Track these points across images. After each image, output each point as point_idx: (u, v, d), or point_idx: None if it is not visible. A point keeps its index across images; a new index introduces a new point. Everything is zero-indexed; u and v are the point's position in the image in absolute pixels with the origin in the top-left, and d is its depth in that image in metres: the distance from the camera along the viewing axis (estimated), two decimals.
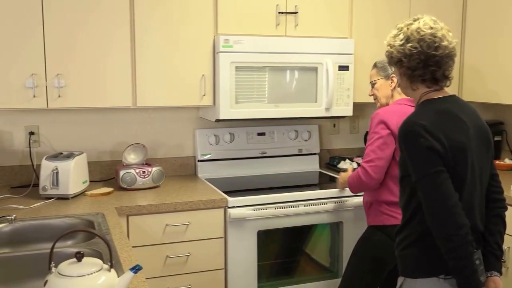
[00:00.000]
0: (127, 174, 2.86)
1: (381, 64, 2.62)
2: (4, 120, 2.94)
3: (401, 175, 1.78)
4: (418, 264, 1.73)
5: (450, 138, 1.65)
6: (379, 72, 2.62)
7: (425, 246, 1.71)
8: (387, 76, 2.59)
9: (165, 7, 2.80)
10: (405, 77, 1.80)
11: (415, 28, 1.74)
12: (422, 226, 1.71)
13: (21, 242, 2.21)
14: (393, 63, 1.82)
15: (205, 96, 2.93)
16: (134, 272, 1.40)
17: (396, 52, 1.78)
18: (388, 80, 2.59)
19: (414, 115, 1.72)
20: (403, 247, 1.79)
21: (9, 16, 2.54)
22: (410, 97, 1.89)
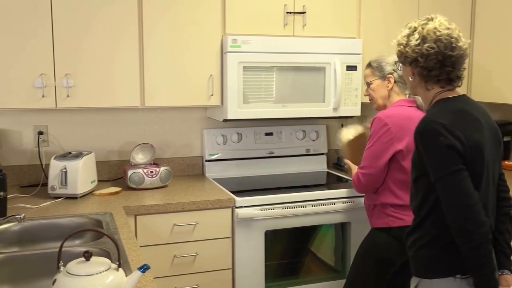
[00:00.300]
0: (135, 173, 2.87)
1: (376, 64, 2.56)
2: (13, 120, 2.96)
3: (415, 175, 1.77)
4: (434, 264, 1.73)
5: (467, 136, 1.66)
6: (374, 72, 2.56)
7: (441, 246, 1.71)
8: (383, 76, 2.52)
9: (173, 7, 2.81)
10: (419, 77, 1.79)
11: (431, 28, 1.74)
12: (437, 226, 1.71)
13: (30, 241, 2.23)
14: (408, 63, 1.80)
15: (213, 96, 2.93)
16: (142, 272, 1.41)
17: (411, 51, 1.76)
18: (384, 81, 2.52)
19: (432, 114, 1.71)
20: (418, 247, 1.78)
21: (19, 17, 2.56)
22: (419, 97, 1.88)
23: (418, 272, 1.78)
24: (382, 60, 2.55)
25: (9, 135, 2.97)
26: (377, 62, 2.55)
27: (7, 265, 1.84)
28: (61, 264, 1.38)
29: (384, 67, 2.52)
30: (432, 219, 1.73)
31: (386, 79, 2.52)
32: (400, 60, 1.85)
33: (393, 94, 2.52)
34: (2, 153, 2.95)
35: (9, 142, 2.97)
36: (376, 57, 2.60)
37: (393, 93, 2.52)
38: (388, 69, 2.51)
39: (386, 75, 2.52)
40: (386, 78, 2.52)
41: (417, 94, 1.87)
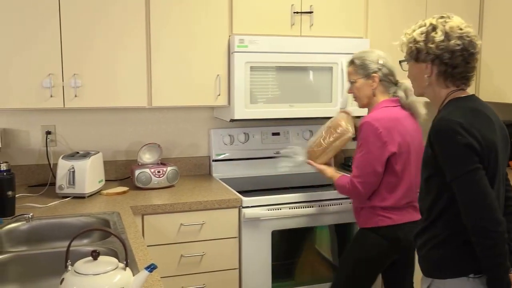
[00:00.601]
0: (142, 173, 2.87)
1: (359, 62, 2.43)
2: (22, 120, 2.98)
3: (427, 175, 1.76)
4: (447, 264, 1.72)
5: (483, 135, 1.65)
6: (357, 71, 2.43)
7: (455, 246, 1.71)
8: (367, 75, 2.40)
9: (180, 7, 2.81)
10: (439, 74, 1.77)
11: (455, 25, 1.73)
12: (450, 226, 1.70)
13: (38, 240, 2.24)
14: (429, 60, 1.76)
15: (220, 96, 2.93)
16: (149, 271, 1.41)
17: (435, 48, 1.73)
18: (369, 80, 2.41)
19: (448, 113, 1.70)
20: (430, 248, 1.77)
21: (27, 17, 2.57)
22: (427, 96, 1.85)
23: (430, 272, 1.77)
24: (366, 57, 2.43)
25: (18, 135, 2.98)
26: (361, 60, 2.43)
27: (15, 264, 1.85)
28: (69, 263, 1.39)
29: (368, 65, 2.40)
30: (445, 218, 1.72)
31: (371, 78, 2.40)
32: (414, 57, 1.80)
33: (377, 93, 2.42)
34: (11, 153, 2.97)
35: (17, 142, 2.99)
36: (358, 54, 2.47)
37: (378, 92, 2.42)
38: (372, 67, 2.40)
39: (370, 73, 2.40)
40: (370, 77, 2.40)
41: (425, 93, 1.85)
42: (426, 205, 1.79)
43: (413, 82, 1.89)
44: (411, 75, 1.87)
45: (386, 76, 2.41)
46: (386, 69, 2.41)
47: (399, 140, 2.29)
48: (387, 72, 2.41)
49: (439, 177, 1.70)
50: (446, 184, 1.68)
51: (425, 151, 1.76)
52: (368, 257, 2.40)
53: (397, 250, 2.39)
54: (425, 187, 1.79)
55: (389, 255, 2.39)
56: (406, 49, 1.84)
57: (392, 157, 2.30)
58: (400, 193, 2.34)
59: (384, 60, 2.42)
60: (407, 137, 2.33)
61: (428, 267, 1.78)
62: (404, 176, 2.34)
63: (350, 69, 2.48)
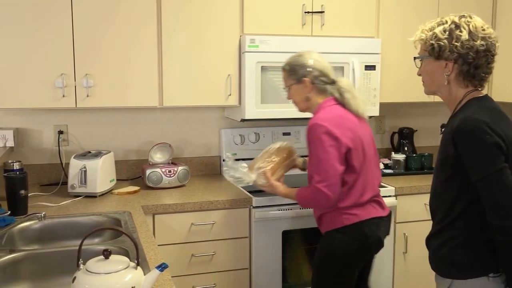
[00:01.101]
0: (153, 173, 2.88)
1: (289, 67, 2.38)
2: (34, 119, 3.00)
3: (446, 176, 1.74)
4: (468, 264, 1.71)
5: (506, 134, 1.65)
6: (289, 76, 2.38)
7: (476, 245, 1.70)
8: (298, 79, 2.34)
9: (191, 8, 2.82)
10: (459, 73, 1.74)
11: (479, 25, 1.72)
12: (470, 226, 1.70)
13: (50, 239, 2.25)
14: (452, 58, 1.72)
15: (230, 96, 2.93)
16: (160, 270, 1.41)
17: (460, 46, 1.70)
18: (300, 84, 2.35)
19: (472, 112, 1.68)
20: (450, 248, 1.75)
21: (40, 17, 2.59)
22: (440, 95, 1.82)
23: (450, 273, 1.75)
24: (295, 62, 2.37)
25: (30, 134, 3.01)
26: (290, 65, 2.38)
27: (28, 263, 1.86)
28: (81, 262, 1.40)
29: (297, 70, 2.34)
30: (466, 218, 1.71)
31: (302, 82, 2.34)
32: (435, 54, 1.75)
33: (313, 96, 2.35)
34: (23, 152, 2.99)
35: (30, 141, 3.01)
36: (289, 59, 2.41)
37: (313, 95, 2.35)
38: (301, 71, 2.34)
39: (300, 78, 2.34)
40: (301, 81, 2.34)
41: (438, 92, 1.82)
42: (444, 205, 1.76)
43: (426, 80, 1.84)
44: (426, 72, 1.82)
45: (317, 78, 2.34)
46: (316, 71, 2.33)
47: (350, 135, 2.24)
48: (317, 74, 2.33)
49: (459, 177, 1.69)
50: (467, 184, 1.67)
51: (444, 151, 1.74)
52: (340, 260, 2.30)
53: (367, 248, 2.32)
54: (443, 187, 1.77)
55: (360, 254, 2.32)
56: (424, 45, 1.80)
57: (348, 154, 2.23)
58: (360, 189, 2.28)
59: (314, 62, 2.35)
60: (358, 132, 2.29)
61: (448, 268, 1.76)
62: (362, 172, 2.28)
63: (284, 75, 2.43)
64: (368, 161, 2.32)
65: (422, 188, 3.01)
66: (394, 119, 3.70)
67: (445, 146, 1.73)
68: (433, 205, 1.85)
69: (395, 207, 2.98)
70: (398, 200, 2.98)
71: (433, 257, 1.83)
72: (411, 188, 3.01)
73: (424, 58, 1.81)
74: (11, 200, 2.36)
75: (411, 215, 3.02)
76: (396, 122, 3.70)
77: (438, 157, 1.78)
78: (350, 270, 2.33)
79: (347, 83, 2.38)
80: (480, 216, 1.66)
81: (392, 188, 2.97)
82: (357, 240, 2.28)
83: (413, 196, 3.01)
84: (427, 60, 1.80)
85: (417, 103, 3.58)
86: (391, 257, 3.02)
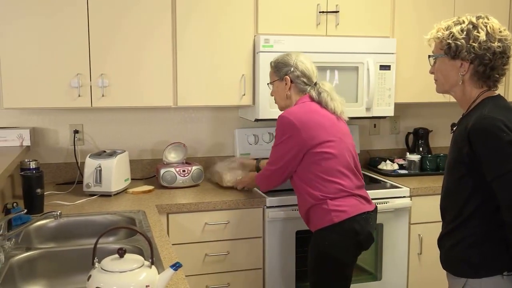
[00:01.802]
0: (168, 172, 2.90)
1: (274, 64, 2.49)
2: (50, 119, 3.03)
3: (460, 174, 1.74)
4: (483, 263, 1.71)
5: None
6: (274, 73, 2.49)
7: (491, 244, 1.69)
8: (281, 77, 2.45)
9: (206, 8, 2.82)
10: (474, 73, 1.74)
11: (496, 27, 1.72)
12: (485, 225, 1.70)
13: (66, 237, 2.27)
14: (468, 59, 1.72)
15: (244, 95, 2.94)
16: (174, 270, 1.42)
17: (478, 47, 1.70)
18: (282, 81, 2.45)
19: (488, 111, 1.67)
20: (463, 248, 1.75)
21: (56, 18, 2.62)
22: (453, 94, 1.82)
23: (464, 272, 1.75)
24: (280, 60, 2.47)
25: (46, 133, 3.04)
26: (275, 62, 2.49)
27: (44, 260, 1.88)
28: (96, 261, 1.41)
29: (281, 68, 2.44)
30: (480, 217, 1.71)
31: (283, 80, 2.44)
32: (452, 54, 1.75)
33: (292, 94, 2.44)
34: (40, 151, 3.03)
35: (46, 141, 3.04)
36: (277, 56, 2.52)
37: (293, 94, 2.44)
38: (284, 69, 2.43)
39: (282, 76, 2.44)
40: (283, 79, 2.44)
41: (451, 91, 1.82)
42: (457, 204, 1.76)
43: (440, 78, 1.83)
44: (439, 71, 1.82)
45: (298, 78, 2.42)
46: (298, 72, 2.41)
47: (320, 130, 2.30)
48: (299, 74, 2.41)
49: (473, 176, 1.69)
50: (481, 183, 1.66)
51: (457, 150, 1.73)
52: (332, 260, 2.31)
53: (359, 245, 2.32)
54: (456, 186, 1.76)
55: (352, 251, 2.32)
56: (440, 44, 1.79)
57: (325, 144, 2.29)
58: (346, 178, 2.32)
59: (298, 62, 2.42)
60: (333, 127, 2.35)
61: (463, 267, 1.75)
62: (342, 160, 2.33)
63: (270, 72, 2.55)
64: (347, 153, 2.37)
65: (437, 189, 2.98)
66: (409, 119, 3.68)
67: (458, 144, 1.72)
68: (444, 204, 1.84)
69: (410, 208, 2.96)
70: (413, 201, 2.96)
71: (446, 257, 1.83)
72: (426, 189, 2.99)
73: (439, 57, 1.81)
74: (27, 198, 2.39)
75: (426, 216, 3.00)
76: (411, 122, 3.68)
77: (451, 156, 1.78)
78: (344, 268, 2.34)
79: (329, 86, 2.47)
80: (493, 215, 1.66)
81: (407, 189, 2.95)
82: (348, 238, 2.28)
83: (428, 197, 2.99)
84: (442, 59, 1.79)
85: (432, 103, 3.55)
86: (405, 258, 3.00)
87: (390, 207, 2.88)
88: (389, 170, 3.31)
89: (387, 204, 2.87)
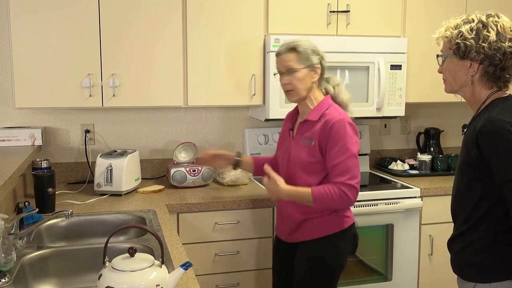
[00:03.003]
0: (178, 172, 2.90)
1: (303, 50, 2.18)
2: (62, 119, 3.05)
3: (469, 178, 1.71)
4: (492, 268, 1.68)
5: None
6: (301, 60, 2.18)
7: (499, 249, 1.67)
8: (311, 66, 2.18)
9: (216, 8, 2.83)
10: (483, 74, 1.69)
11: (507, 25, 1.67)
12: (494, 229, 1.67)
13: (77, 236, 2.29)
14: (478, 59, 1.67)
15: (255, 95, 2.94)
16: (185, 269, 1.42)
17: (487, 47, 1.65)
18: (312, 71, 2.19)
19: (496, 113, 1.64)
20: (472, 252, 1.72)
21: (67, 18, 2.63)
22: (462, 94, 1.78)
23: (473, 276, 1.72)
24: (309, 46, 2.20)
25: (58, 133, 3.06)
26: (303, 48, 2.18)
27: (55, 259, 1.90)
28: (107, 260, 1.41)
29: (309, 55, 2.18)
30: (489, 221, 1.68)
31: (314, 69, 2.19)
32: (461, 54, 1.69)
33: (315, 86, 2.22)
34: (51, 151, 3.05)
35: (57, 140, 3.06)
36: (297, 41, 2.21)
37: (315, 86, 2.22)
38: (315, 57, 2.19)
39: (314, 65, 2.18)
40: (314, 68, 2.19)
41: (460, 92, 1.78)
42: (467, 207, 1.74)
43: (448, 78, 1.78)
44: (448, 71, 1.77)
45: (324, 69, 2.24)
46: (324, 63, 2.24)
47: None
48: (325, 65, 2.25)
49: (483, 179, 1.66)
50: (491, 186, 1.63)
51: (467, 153, 1.70)
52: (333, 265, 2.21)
53: (356, 248, 2.29)
54: (465, 189, 1.74)
55: (351, 255, 2.29)
56: (448, 43, 1.74)
57: None
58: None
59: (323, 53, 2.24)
60: None
61: (471, 271, 1.73)
62: None
63: (291, 57, 2.19)
64: None
65: (448, 190, 2.96)
66: (420, 119, 3.66)
67: (468, 147, 1.69)
68: (454, 207, 1.82)
69: (421, 209, 2.94)
70: (424, 202, 2.94)
71: (455, 260, 1.80)
72: (437, 189, 2.97)
73: (447, 57, 1.76)
74: (39, 197, 2.40)
75: (437, 217, 2.98)
76: (422, 122, 3.65)
77: (461, 159, 1.75)
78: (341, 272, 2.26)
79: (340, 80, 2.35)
80: (504, 219, 1.64)
81: (417, 189, 2.94)
82: (350, 243, 2.25)
83: (439, 197, 2.97)
84: (451, 59, 1.75)
85: (444, 103, 3.53)
86: (416, 259, 2.99)
87: (401, 207, 2.87)
88: (400, 170, 3.29)
89: (397, 205, 2.86)
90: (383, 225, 2.90)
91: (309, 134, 2.19)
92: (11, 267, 1.68)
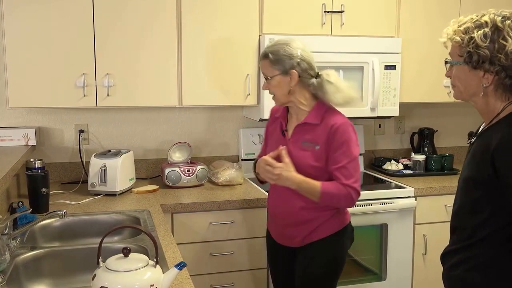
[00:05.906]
0: (172, 172, 2.90)
1: (274, 56, 2.10)
2: (56, 118, 3.04)
3: (478, 195, 1.56)
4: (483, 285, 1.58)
5: None
6: (273, 66, 2.10)
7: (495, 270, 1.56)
8: (285, 71, 2.09)
9: (211, 8, 2.83)
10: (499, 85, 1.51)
11: None
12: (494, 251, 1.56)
13: (71, 236, 2.28)
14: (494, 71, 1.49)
15: (249, 95, 2.94)
16: (179, 269, 1.42)
17: (504, 58, 1.46)
18: (287, 76, 2.10)
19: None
20: (466, 269, 1.61)
21: (62, 18, 2.62)
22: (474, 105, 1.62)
23: None
24: (281, 51, 2.10)
25: (52, 133, 3.05)
26: (275, 55, 2.09)
27: (49, 260, 1.89)
28: (101, 260, 1.41)
29: (284, 61, 2.08)
30: (489, 243, 1.57)
31: (288, 74, 2.10)
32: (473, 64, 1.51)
33: (297, 89, 2.13)
34: (45, 151, 3.04)
35: (51, 140, 3.05)
36: (272, 46, 2.13)
37: (297, 88, 2.13)
38: (289, 63, 2.09)
39: (287, 70, 2.09)
40: (288, 73, 2.10)
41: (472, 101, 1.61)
42: (470, 225, 1.61)
43: (458, 86, 1.60)
44: (458, 79, 1.58)
45: (305, 72, 2.11)
46: (305, 64, 2.11)
47: None
48: (306, 67, 2.11)
49: (493, 199, 1.52)
50: (499, 209, 1.51)
51: (477, 169, 1.55)
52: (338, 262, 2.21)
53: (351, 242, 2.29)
54: (470, 208, 1.60)
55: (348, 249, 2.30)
56: (458, 49, 1.55)
57: None
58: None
59: (303, 52, 2.12)
60: None
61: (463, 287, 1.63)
62: None
63: (265, 63, 2.14)
64: None
65: (442, 189, 2.98)
66: (414, 119, 3.67)
67: (478, 163, 1.54)
68: (455, 223, 1.68)
69: (415, 208, 2.95)
70: (418, 201, 2.95)
71: (446, 275, 1.71)
72: (431, 189, 2.98)
73: (457, 64, 1.56)
74: (32, 197, 2.40)
75: (431, 217, 2.99)
76: (416, 122, 3.67)
77: (468, 173, 1.58)
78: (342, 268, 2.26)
79: (335, 77, 2.17)
80: (505, 243, 1.53)
81: (411, 189, 2.95)
82: (350, 238, 2.26)
83: (433, 197, 2.98)
84: (461, 66, 1.54)
85: (438, 103, 3.54)
86: (410, 259, 3.00)
87: (395, 207, 2.88)
88: (394, 170, 3.30)
89: (391, 204, 2.87)
90: (377, 225, 2.91)
91: (310, 137, 2.15)
92: (5, 268, 1.67)
